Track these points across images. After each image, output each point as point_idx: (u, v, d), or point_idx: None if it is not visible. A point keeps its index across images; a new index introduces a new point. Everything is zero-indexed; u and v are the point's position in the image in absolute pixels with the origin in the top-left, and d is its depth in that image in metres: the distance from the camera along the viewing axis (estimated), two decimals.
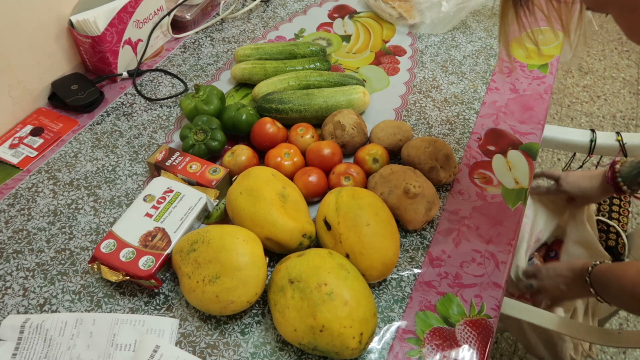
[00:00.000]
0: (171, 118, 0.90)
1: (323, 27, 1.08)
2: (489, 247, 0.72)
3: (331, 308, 0.56)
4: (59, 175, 0.81)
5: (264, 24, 1.09)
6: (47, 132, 0.86)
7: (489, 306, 0.66)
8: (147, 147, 0.85)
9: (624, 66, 2.26)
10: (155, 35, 1.00)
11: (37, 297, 0.67)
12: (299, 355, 0.62)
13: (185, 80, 0.96)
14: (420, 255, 0.71)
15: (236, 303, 0.60)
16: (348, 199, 0.66)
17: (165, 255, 0.65)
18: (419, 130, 0.87)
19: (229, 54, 1.02)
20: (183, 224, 0.68)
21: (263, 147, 0.80)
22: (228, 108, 0.83)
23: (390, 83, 0.96)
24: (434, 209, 0.72)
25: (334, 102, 0.84)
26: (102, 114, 0.90)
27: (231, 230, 0.63)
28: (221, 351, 0.62)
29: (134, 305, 0.66)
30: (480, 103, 0.92)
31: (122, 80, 0.96)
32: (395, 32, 1.07)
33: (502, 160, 0.83)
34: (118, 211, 0.76)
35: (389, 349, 0.62)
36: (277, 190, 0.67)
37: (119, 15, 0.90)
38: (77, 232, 0.74)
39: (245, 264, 0.60)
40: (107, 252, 0.65)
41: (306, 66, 0.93)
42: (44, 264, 0.70)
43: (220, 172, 0.76)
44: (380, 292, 0.67)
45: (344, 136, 0.79)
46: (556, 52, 1.02)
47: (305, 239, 0.66)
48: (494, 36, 1.06)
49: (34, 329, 0.62)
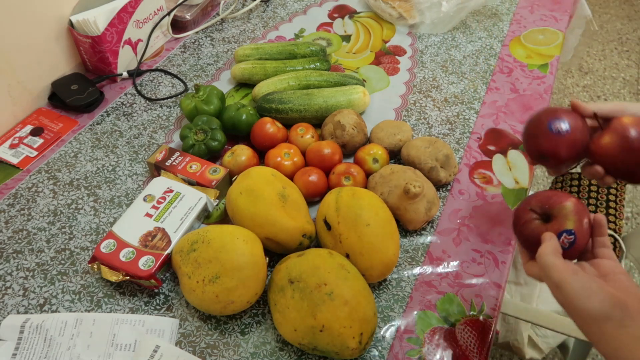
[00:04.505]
0: (171, 118, 0.90)
1: (323, 27, 1.08)
2: (489, 247, 0.72)
3: (331, 308, 0.56)
4: (59, 175, 0.81)
5: (264, 24, 1.09)
6: (47, 132, 0.86)
7: (489, 306, 0.66)
8: (147, 147, 0.85)
9: (624, 66, 2.26)
10: (155, 35, 1.00)
11: (37, 297, 0.67)
12: (299, 355, 0.62)
13: (185, 80, 0.96)
14: (420, 255, 0.71)
15: (236, 303, 0.60)
16: (348, 199, 0.66)
17: (165, 255, 0.65)
18: (419, 130, 0.87)
19: (229, 54, 1.02)
20: (183, 224, 0.68)
21: (263, 147, 0.80)
22: (228, 108, 0.83)
23: (390, 83, 0.96)
24: (434, 209, 0.72)
25: (334, 102, 0.84)
26: (102, 114, 0.90)
27: (231, 230, 0.63)
28: (221, 351, 0.62)
29: (134, 305, 0.66)
30: (480, 103, 0.92)
31: (122, 80, 0.96)
32: (395, 32, 1.07)
33: (502, 160, 0.83)
34: (118, 211, 0.76)
35: (389, 349, 0.62)
36: (277, 190, 0.67)
37: (119, 15, 0.90)
38: (77, 232, 0.74)
39: (245, 264, 0.60)
40: (107, 252, 0.65)
41: (306, 66, 0.93)
42: (44, 264, 0.70)
43: (220, 172, 0.76)
44: (380, 292, 0.67)
45: (344, 136, 0.79)
46: (556, 52, 1.02)
47: (305, 239, 0.66)
48: (494, 36, 1.06)
49: (34, 329, 0.62)
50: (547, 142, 0.63)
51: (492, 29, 1.07)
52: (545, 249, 0.53)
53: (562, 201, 0.57)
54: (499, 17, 1.10)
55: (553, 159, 0.63)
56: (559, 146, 0.62)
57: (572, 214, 0.56)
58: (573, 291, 0.48)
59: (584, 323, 0.48)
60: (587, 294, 0.47)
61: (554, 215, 0.56)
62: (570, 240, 0.55)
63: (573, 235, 0.55)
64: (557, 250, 0.53)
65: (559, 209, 0.56)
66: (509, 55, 1.02)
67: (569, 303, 0.49)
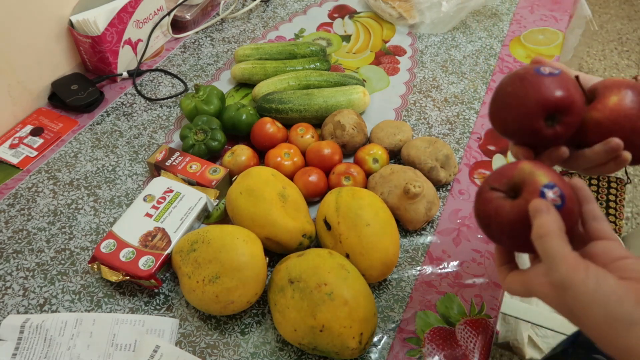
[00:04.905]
0: (171, 118, 0.90)
1: (323, 27, 1.08)
2: (489, 247, 0.72)
3: (331, 308, 0.56)
4: (59, 175, 0.81)
5: (264, 24, 1.09)
6: (47, 132, 0.86)
7: (489, 306, 0.66)
8: (147, 147, 0.85)
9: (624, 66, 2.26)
10: (155, 35, 1.00)
11: (37, 297, 0.67)
12: (299, 355, 0.62)
13: (185, 80, 0.96)
14: (420, 255, 0.71)
15: (236, 303, 0.60)
16: (348, 199, 0.66)
17: (165, 255, 0.65)
18: (419, 130, 0.87)
19: (229, 54, 1.02)
20: (183, 224, 0.68)
21: (263, 147, 0.80)
22: (228, 108, 0.83)
23: (390, 83, 0.96)
24: (434, 209, 0.72)
25: (334, 102, 0.84)
26: (102, 114, 0.90)
27: (231, 230, 0.63)
28: (221, 351, 0.62)
29: (134, 305, 0.66)
30: (480, 103, 0.92)
31: (122, 80, 0.96)
32: (395, 32, 1.07)
33: (502, 160, 0.83)
34: (118, 211, 0.76)
35: (389, 349, 0.62)
36: (277, 190, 0.67)
37: (119, 15, 0.90)
38: (77, 232, 0.74)
39: (245, 264, 0.60)
40: (107, 252, 0.65)
41: (306, 66, 0.93)
42: (44, 264, 0.70)
43: (220, 172, 0.76)
44: (380, 292, 0.67)
45: (344, 136, 0.79)
46: (556, 52, 1.02)
47: (305, 239, 0.66)
48: (494, 36, 1.06)
49: (34, 329, 0.62)
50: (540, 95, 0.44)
51: (492, 29, 1.07)
52: (546, 226, 0.38)
53: (517, 164, 0.43)
54: (499, 17, 1.10)
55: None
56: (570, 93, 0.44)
57: (538, 169, 0.42)
58: (595, 294, 0.37)
59: (607, 332, 0.37)
60: (617, 297, 0.37)
61: (520, 183, 0.42)
62: (557, 195, 0.40)
63: (557, 188, 0.40)
64: (562, 229, 0.39)
65: (519, 173, 0.43)
66: (509, 55, 1.02)
67: (582, 308, 0.38)
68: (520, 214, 0.41)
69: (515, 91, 0.45)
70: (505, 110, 0.46)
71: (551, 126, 0.45)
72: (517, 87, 0.45)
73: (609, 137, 0.45)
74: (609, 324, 0.37)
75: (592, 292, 0.37)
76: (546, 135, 0.45)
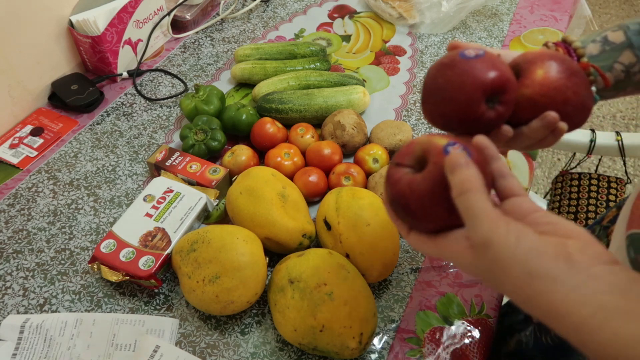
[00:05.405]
0: (171, 118, 0.90)
1: (323, 27, 1.08)
2: None
3: (331, 308, 0.56)
4: (59, 175, 0.81)
5: (264, 24, 1.09)
6: (47, 132, 0.86)
7: (489, 306, 0.66)
8: (147, 147, 0.85)
9: None
10: (155, 35, 1.00)
11: (37, 297, 0.67)
12: (299, 355, 0.62)
13: (185, 80, 0.96)
14: (420, 255, 0.71)
15: (236, 303, 0.60)
16: (348, 199, 0.66)
17: (165, 255, 0.65)
18: (419, 130, 0.87)
19: (229, 54, 1.02)
20: (183, 224, 0.68)
21: (263, 147, 0.80)
22: (228, 108, 0.83)
23: (390, 83, 0.96)
24: None
25: (334, 102, 0.84)
26: (102, 114, 0.90)
27: (231, 230, 0.63)
28: (221, 351, 0.62)
29: (134, 305, 0.66)
30: None
31: (122, 80, 0.96)
32: (395, 32, 1.07)
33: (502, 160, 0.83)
34: (118, 211, 0.76)
35: (389, 349, 0.62)
36: (277, 190, 0.67)
37: (119, 15, 0.90)
38: (77, 232, 0.74)
39: (245, 264, 0.60)
40: (107, 252, 0.65)
41: (306, 66, 0.93)
42: (44, 264, 0.70)
43: (220, 172, 0.76)
44: (380, 292, 0.67)
45: (344, 136, 0.79)
46: None
47: (305, 239, 0.66)
48: (494, 36, 1.06)
49: (34, 329, 0.62)
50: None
51: (492, 29, 1.07)
52: (468, 182, 0.36)
53: (413, 141, 0.42)
54: (499, 17, 1.10)
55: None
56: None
57: (434, 136, 0.41)
58: (516, 250, 0.35)
59: (528, 290, 0.35)
60: (536, 253, 0.34)
61: (423, 153, 0.41)
62: (461, 149, 0.38)
63: (458, 145, 0.39)
64: (484, 184, 0.37)
65: (418, 146, 0.41)
66: None
67: (502, 268, 0.35)
68: (434, 180, 0.39)
69: (449, 81, 0.44)
70: (443, 102, 0.44)
71: (492, 108, 0.44)
72: (449, 76, 0.44)
73: (543, 112, 0.45)
74: (529, 283, 0.35)
75: (512, 249, 0.35)
76: (490, 117, 0.44)
